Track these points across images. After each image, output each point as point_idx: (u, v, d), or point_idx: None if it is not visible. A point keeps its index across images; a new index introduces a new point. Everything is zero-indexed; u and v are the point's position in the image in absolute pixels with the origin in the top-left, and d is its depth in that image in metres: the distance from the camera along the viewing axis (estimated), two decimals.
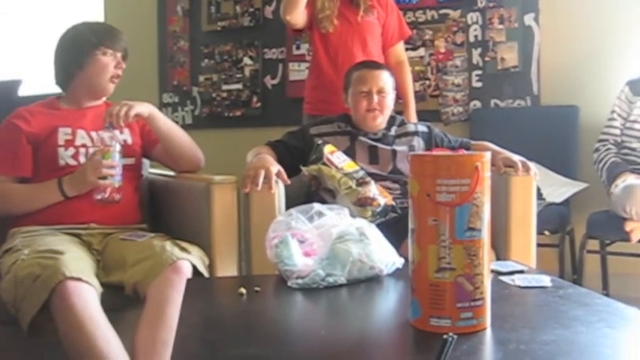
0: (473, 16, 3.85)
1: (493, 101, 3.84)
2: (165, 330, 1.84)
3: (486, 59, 3.83)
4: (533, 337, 1.18)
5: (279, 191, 2.30)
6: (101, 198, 2.15)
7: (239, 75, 4.40)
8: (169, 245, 2.07)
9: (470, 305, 1.21)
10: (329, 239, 1.66)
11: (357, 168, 2.43)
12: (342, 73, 2.79)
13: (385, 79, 2.61)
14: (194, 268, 2.04)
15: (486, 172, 1.22)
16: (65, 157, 2.24)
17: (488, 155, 1.24)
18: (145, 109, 2.27)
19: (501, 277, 1.62)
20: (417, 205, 1.24)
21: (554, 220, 3.22)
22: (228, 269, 2.21)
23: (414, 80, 3.50)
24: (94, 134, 2.29)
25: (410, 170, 1.28)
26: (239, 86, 4.40)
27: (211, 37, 4.48)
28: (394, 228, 1.96)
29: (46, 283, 1.82)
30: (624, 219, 2.87)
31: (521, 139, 3.29)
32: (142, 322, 1.90)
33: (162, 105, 4.62)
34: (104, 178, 2.13)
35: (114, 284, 2.03)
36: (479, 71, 3.86)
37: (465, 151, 1.29)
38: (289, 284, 1.58)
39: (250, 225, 2.27)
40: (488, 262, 1.24)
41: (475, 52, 3.86)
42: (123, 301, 2.03)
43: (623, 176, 3.03)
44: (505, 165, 2.38)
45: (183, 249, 2.07)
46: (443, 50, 3.90)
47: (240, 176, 2.35)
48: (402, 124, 2.71)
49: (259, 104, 4.34)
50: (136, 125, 2.41)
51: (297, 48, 4.19)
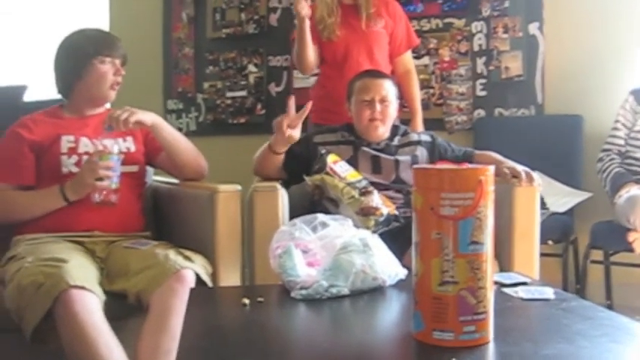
0: (477, 25, 3.85)
1: (497, 110, 3.84)
2: (168, 339, 1.84)
3: (491, 68, 3.83)
4: (535, 351, 1.18)
5: (283, 200, 2.31)
6: (97, 199, 2.14)
7: (243, 82, 4.41)
8: (173, 254, 2.07)
9: (473, 319, 1.21)
10: (332, 250, 1.66)
11: (360, 177, 2.43)
12: (347, 83, 2.78)
13: (388, 87, 2.61)
14: (197, 276, 2.04)
15: (490, 186, 1.22)
16: (68, 164, 2.25)
17: (491, 169, 1.24)
18: (148, 118, 2.27)
19: (504, 289, 1.61)
20: (421, 219, 1.24)
21: (557, 230, 3.21)
22: (231, 278, 2.21)
23: None
24: (97, 142, 2.29)
25: (414, 183, 1.28)
26: (243, 93, 4.41)
27: (216, 44, 4.49)
28: (397, 238, 1.96)
29: (50, 291, 1.82)
30: (628, 229, 2.87)
31: (525, 148, 3.29)
32: (145, 331, 1.90)
33: (167, 111, 4.63)
34: (101, 179, 2.12)
35: (117, 292, 2.03)
36: (483, 80, 3.86)
37: (469, 165, 1.29)
38: (292, 295, 1.58)
39: (254, 234, 2.28)
40: (491, 276, 1.24)
41: (479, 61, 3.86)
42: (126, 310, 2.02)
43: (627, 187, 3.03)
44: (510, 175, 2.38)
45: (186, 258, 2.07)
46: (447, 59, 3.90)
47: (245, 184, 2.36)
48: (405, 133, 2.71)
49: (263, 111, 4.34)
50: (140, 133, 2.41)
51: None
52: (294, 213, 2.27)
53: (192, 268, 2.03)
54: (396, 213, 2.37)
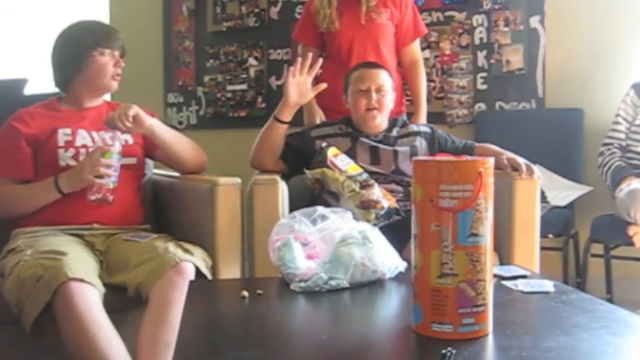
0: (478, 19, 3.84)
1: (498, 104, 3.83)
2: (168, 331, 1.84)
3: (491, 61, 3.83)
4: (535, 344, 1.18)
5: (283, 193, 2.30)
6: (94, 198, 2.12)
7: (244, 75, 4.40)
8: (172, 246, 2.07)
9: (472, 311, 1.21)
10: (332, 242, 1.66)
11: (361, 171, 2.43)
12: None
13: (384, 77, 2.62)
14: (197, 269, 2.04)
15: (489, 178, 1.22)
16: (65, 158, 2.24)
17: (491, 161, 1.24)
18: (147, 120, 2.24)
19: (504, 282, 1.61)
20: (420, 211, 1.24)
21: (558, 224, 3.21)
22: (231, 271, 2.21)
23: None
24: (95, 134, 2.29)
25: (413, 175, 1.28)
26: (244, 87, 4.40)
27: (217, 38, 4.48)
28: (397, 230, 1.96)
29: (49, 284, 1.82)
30: (628, 223, 2.86)
31: (526, 141, 3.28)
32: (145, 324, 1.90)
33: (167, 105, 4.62)
34: (100, 177, 2.11)
35: (117, 285, 2.03)
36: (484, 73, 3.85)
37: (469, 157, 1.28)
38: (292, 287, 1.58)
39: (254, 227, 2.28)
40: (490, 268, 1.24)
41: (480, 55, 3.85)
42: (126, 302, 2.02)
43: (627, 180, 3.02)
44: (510, 167, 2.38)
45: (186, 250, 2.07)
46: (448, 52, 3.89)
47: (245, 177, 2.36)
48: (404, 125, 2.71)
49: (264, 105, 4.34)
50: None
51: None
52: (294, 206, 2.27)
53: (191, 260, 2.03)
54: (397, 206, 2.37)
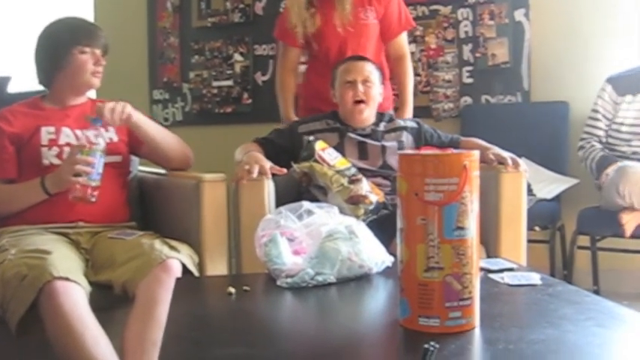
0: (463, 12, 3.85)
1: (484, 97, 3.84)
2: (155, 329, 1.83)
3: (477, 55, 3.83)
4: (521, 337, 1.18)
5: (269, 189, 2.30)
6: (73, 196, 2.07)
7: (229, 71, 4.39)
8: (158, 244, 2.06)
9: (458, 304, 1.21)
10: (318, 238, 1.65)
11: (349, 165, 2.42)
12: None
13: (370, 69, 2.62)
14: (183, 266, 2.03)
15: (474, 172, 1.22)
16: (49, 156, 2.22)
17: (476, 154, 1.24)
18: (134, 114, 2.24)
19: (491, 275, 1.61)
20: (406, 205, 1.24)
21: (544, 216, 3.22)
22: (217, 268, 2.20)
23: None
24: (79, 132, 2.27)
25: (398, 169, 1.27)
26: (229, 83, 4.39)
27: (201, 34, 4.47)
28: (384, 225, 1.95)
29: (34, 283, 1.81)
30: (619, 210, 2.86)
31: (512, 135, 3.30)
32: (131, 322, 1.89)
33: (153, 102, 4.61)
34: (78, 175, 2.06)
35: (103, 283, 2.02)
36: (469, 67, 3.86)
37: (454, 150, 1.28)
38: (278, 283, 1.57)
39: (240, 223, 2.27)
40: (477, 261, 1.24)
41: (466, 48, 3.86)
42: (112, 300, 2.01)
43: (613, 165, 3.01)
44: (496, 161, 2.38)
45: (172, 247, 2.06)
46: (434, 46, 3.90)
47: (231, 173, 2.35)
48: (391, 119, 2.71)
49: (250, 101, 4.33)
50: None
51: None
52: (280, 202, 2.26)
53: (178, 257, 2.02)
54: (385, 200, 2.37)
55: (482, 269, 1.54)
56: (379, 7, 2.98)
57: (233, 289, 1.52)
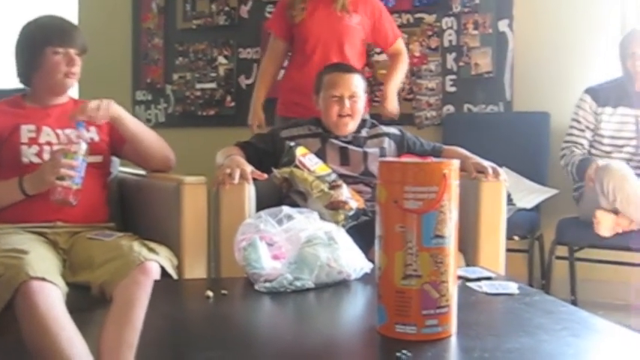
0: (448, 21, 3.87)
1: (466, 106, 3.86)
2: (131, 331, 1.82)
3: (460, 64, 3.85)
4: (497, 345, 1.19)
5: (250, 193, 2.29)
6: (55, 199, 2.07)
7: (213, 74, 4.38)
8: (137, 245, 2.05)
9: (435, 312, 1.21)
10: (297, 243, 1.66)
11: (330, 171, 2.42)
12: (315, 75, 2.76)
13: (357, 83, 2.61)
14: (162, 269, 2.02)
15: (454, 180, 1.23)
16: (29, 154, 2.20)
17: (456, 163, 1.25)
18: (115, 109, 2.24)
19: (469, 284, 1.62)
20: (385, 212, 1.24)
21: (523, 226, 3.24)
22: (196, 271, 2.20)
23: None
24: (59, 132, 2.26)
25: (378, 176, 1.28)
26: (213, 85, 4.38)
27: (186, 35, 4.45)
28: (364, 231, 1.95)
29: (10, 282, 1.79)
30: (596, 208, 2.86)
31: (494, 144, 3.32)
32: (108, 323, 1.88)
33: (135, 103, 4.58)
34: (62, 178, 2.05)
35: (80, 284, 2.01)
36: (453, 76, 3.88)
37: (434, 159, 1.29)
38: (257, 288, 1.57)
39: (220, 227, 2.26)
40: (454, 270, 1.24)
41: (449, 57, 3.88)
42: (89, 302, 2.00)
43: (594, 164, 2.97)
44: (476, 170, 2.40)
45: (151, 249, 2.05)
46: (417, 54, 3.91)
47: (212, 177, 2.34)
48: (373, 125, 2.72)
49: (233, 104, 4.32)
50: (105, 123, 2.37)
51: None
52: (261, 206, 2.25)
53: (156, 260, 2.01)
54: (365, 207, 2.37)
55: (460, 277, 1.55)
56: (365, 18, 3.09)
57: (211, 292, 1.52)
